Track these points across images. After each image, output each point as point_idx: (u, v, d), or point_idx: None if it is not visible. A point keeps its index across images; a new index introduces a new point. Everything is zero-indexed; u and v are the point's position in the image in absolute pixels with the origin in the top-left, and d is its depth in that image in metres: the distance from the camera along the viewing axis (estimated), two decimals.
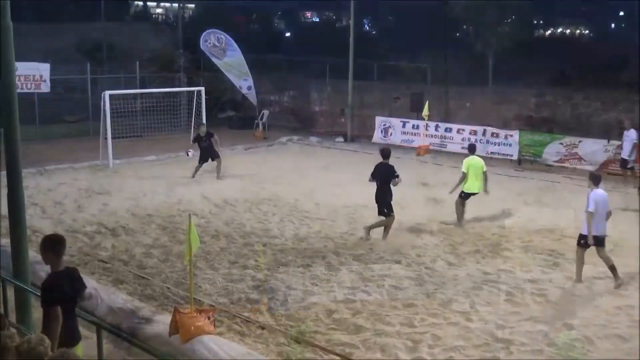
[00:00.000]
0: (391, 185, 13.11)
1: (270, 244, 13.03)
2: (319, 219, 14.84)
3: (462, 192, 14.32)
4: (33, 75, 22.37)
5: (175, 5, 43.09)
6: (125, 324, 9.20)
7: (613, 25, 51.77)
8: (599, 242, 10.91)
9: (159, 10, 53.56)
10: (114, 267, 11.71)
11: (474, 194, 14.30)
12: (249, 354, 8.25)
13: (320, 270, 11.58)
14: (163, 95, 23.50)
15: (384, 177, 12.97)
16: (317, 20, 60.26)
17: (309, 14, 61.16)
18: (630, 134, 18.67)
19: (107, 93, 20.31)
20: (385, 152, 13.33)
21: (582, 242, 11.01)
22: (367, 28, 51.78)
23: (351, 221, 14.70)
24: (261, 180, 18.74)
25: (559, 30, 52.51)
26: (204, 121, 20.86)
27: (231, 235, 13.58)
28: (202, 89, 22.47)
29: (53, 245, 6.41)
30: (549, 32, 50.66)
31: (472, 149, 14.87)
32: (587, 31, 51.82)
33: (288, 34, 53.38)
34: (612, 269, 10.93)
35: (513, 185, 18.62)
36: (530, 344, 8.87)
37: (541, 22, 47.62)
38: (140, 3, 49.75)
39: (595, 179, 11.14)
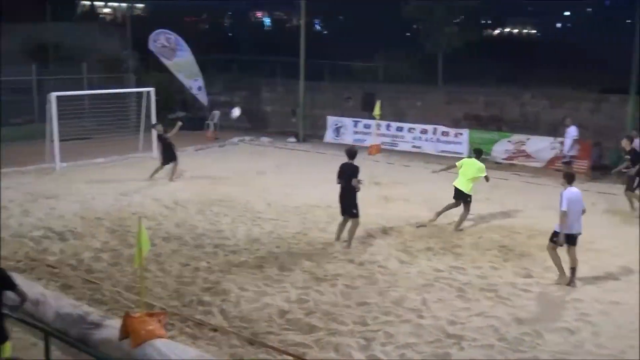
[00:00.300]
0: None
1: (222, 246, 12.93)
2: (271, 220, 14.78)
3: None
4: None
5: (124, 5, 42.46)
6: (74, 330, 9.03)
7: (559, 24, 52.85)
8: (571, 240, 11.01)
9: (106, 10, 52.66)
10: (62, 272, 11.45)
11: (458, 190, 14.17)
12: (201, 357, 8.18)
13: (272, 271, 11.55)
14: (111, 97, 23.07)
15: (348, 177, 12.82)
16: (268, 20, 60.06)
17: (259, 14, 60.93)
18: (571, 131, 19.27)
19: (53, 95, 19.83)
20: (351, 153, 13.08)
21: (555, 239, 11.07)
22: (319, 28, 51.82)
23: (303, 221, 14.69)
24: (212, 181, 18.59)
25: (507, 29, 53.40)
26: (156, 121, 20.60)
27: (182, 237, 13.43)
28: (152, 90, 22.12)
29: None
30: (497, 31, 51.49)
31: (475, 153, 14.80)
32: (534, 30, 52.81)
33: (239, 34, 53.02)
34: (573, 270, 11.06)
35: None
36: (481, 339, 9.01)
37: (489, 22, 48.33)
38: (88, 3, 48.79)
39: (568, 178, 11.18)
